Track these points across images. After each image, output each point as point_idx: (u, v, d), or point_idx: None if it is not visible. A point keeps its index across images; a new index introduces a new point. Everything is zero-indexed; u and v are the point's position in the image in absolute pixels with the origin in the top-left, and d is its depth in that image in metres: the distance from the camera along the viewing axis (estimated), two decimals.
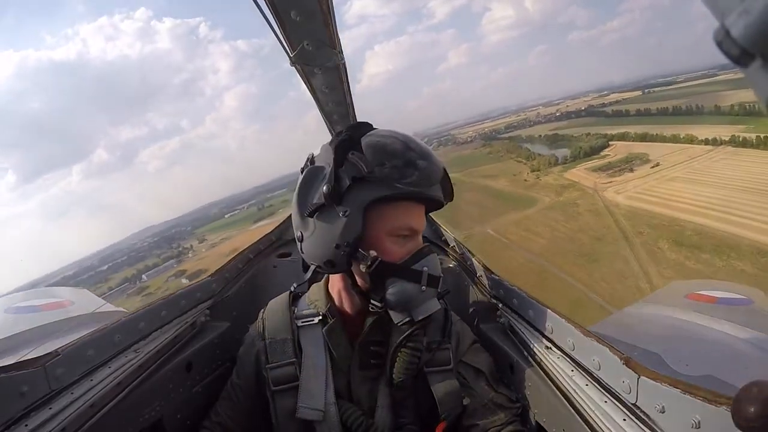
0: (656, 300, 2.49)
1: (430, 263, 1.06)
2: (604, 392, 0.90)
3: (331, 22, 1.20)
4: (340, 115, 2.13)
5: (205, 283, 1.51)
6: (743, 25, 0.27)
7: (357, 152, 0.99)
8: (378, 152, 0.99)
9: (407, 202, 1.05)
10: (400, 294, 1.02)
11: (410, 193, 1.01)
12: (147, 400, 1.14)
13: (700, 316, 1.95)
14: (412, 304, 1.03)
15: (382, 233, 1.04)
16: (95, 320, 1.86)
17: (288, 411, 1.12)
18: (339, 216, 0.99)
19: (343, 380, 1.16)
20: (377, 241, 1.04)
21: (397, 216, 1.04)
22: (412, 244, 1.08)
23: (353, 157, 0.99)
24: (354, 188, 0.98)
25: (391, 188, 0.98)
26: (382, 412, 1.14)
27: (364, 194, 0.98)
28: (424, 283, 1.03)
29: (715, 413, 0.65)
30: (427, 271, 1.04)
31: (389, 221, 1.04)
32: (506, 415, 1.15)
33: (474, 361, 1.22)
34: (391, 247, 1.05)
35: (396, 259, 1.04)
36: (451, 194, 1.13)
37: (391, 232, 1.05)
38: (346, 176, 0.98)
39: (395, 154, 0.99)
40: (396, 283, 1.02)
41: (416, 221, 1.08)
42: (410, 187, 0.99)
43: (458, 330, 1.26)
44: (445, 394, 1.14)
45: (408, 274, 1.03)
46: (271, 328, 1.21)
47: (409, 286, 1.03)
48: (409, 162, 0.99)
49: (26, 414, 0.84)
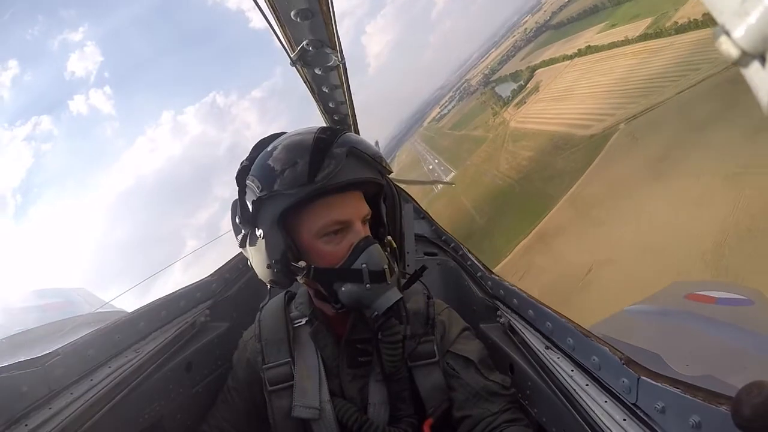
0: (656, 300, 2.49)
1: (369, 258, 1.00)
2: (604, 392, 0.90)
3: (331, 22, 1.20)
4: (341, 115, 2.13)
5: (205, 283, 1.51)
6: (743, 25, 0.27)
7: (251, 176, 1.02)
8: (262, 169, 1.01)
9: (322, 199, 1.00)
10: (349, 296, 1.01)
11: (313, 191, 0.96)
12: (147, 400, 1.14)
13: (700, 316, 1.95)
14: (365, 303, 1.00)
15: (311, 238, 1.02)
16: (95, 320, 1.86)
17: (284, 411, 1.12)
18: (259, 238, 1.01)
19: (334, 380, 1.16)
20: (310, 248, 1.02)
21: (316, 215, 1.01)
22: (351, 236, 1.03)
23: (249, 182, 1.02)
24: (260, 209, 1.00)
25: (287, 197, 0.97)
26: (375, 408, 1.13)
27: (269, 211, 0.99)
28: (367, 281, 0.99)
29: (715, 413, 0.65)
30: (367, 267, 0.99)
31: (311, 224, 1.02)
32: (500, 403, 1.10)
33: (462, 350, 1.17)
34: (325, 248, 1.02)
35: (334, 261, 1.01)
36: (381, 166, 1.06)
37: (319, 233, 1.02)
38: (249, 199, 1.02)
39: (276, 164, 0.98)
40: (342, 286, 1.01)
41: (341, 212, 1.02)
42: (303, 188, 0.96)
43: (444, 319, 1.22)
44: (431, 389, 1.13)
45: (347, 275, 1.00)
46: (266, 330, 1.21)
47: (353, 287, 1.00)
48: (290, 165, 0.97)
49: (26, 414, 0.84)
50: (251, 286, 1.76)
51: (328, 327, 1.18)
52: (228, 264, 1.67)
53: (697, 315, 1.99)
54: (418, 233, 2.14)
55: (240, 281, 1.70)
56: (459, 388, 1.13)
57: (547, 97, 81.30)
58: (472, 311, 1.57)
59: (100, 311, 2.47)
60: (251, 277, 1.79)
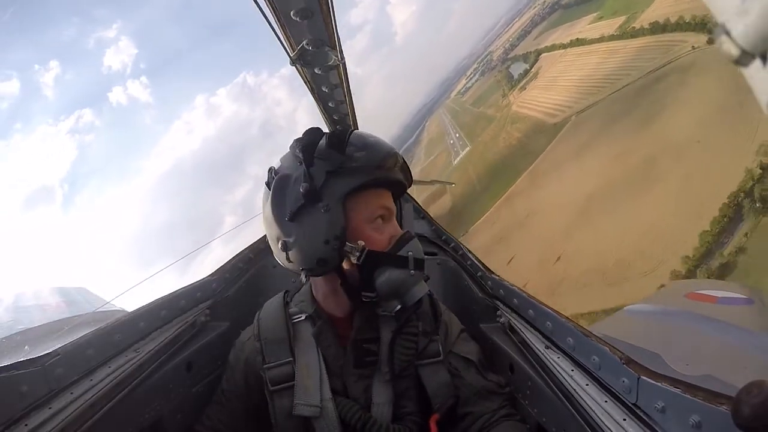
0: (656, 300, 2.49)
1: (413, 248, 1.12)
2: (604, 392, 0.90)
3: (331, 22, 1.19)
4: (341, 114, 2.13)
5: (205, 282, 1.50)
6: (743, 25, 0.27)
7: (321, 152, 1.07)
8: (341, 146, 1.07)
9: (374, 188, 1.13)
10: (392, 281, 1.07)
11: (380, 177, 1.10)
12: (147, 400, 1.13)
13: (700, 316, 1.95)
14: (403, 290, 1.08)
15: (361, 222, 1.10)
16: (95, 320, 1.86)
17: (286, 410, 1.12)
18: (321, 212, 1.04)
19: (338, 380, 1.16)
20: (359, 231, 1.09)
21: (371, 201, 1.12)
22: (390, 228, 1.15)
23: (321, 155, 1.06)
24: (329, 183, 1.04)
25: (362, 175, 1.06)
26: (380, 407, 1.14)
27: (339, 186, 1.05)
28: (411, 267, 1.08)
29: (715, 413, 0.65)
30: (413, 255, 1.10)
31: (366, 208, 1.11)
32: (498, 401, 1.19)
33: (463, 351, 1.25)
34: (373, 234, 1.11)
35: (381, 247, 1.10)
36: (410, 176, 1.22)
37: (369, 218, 1.11)
38: (319, 173, 1.04)
39: (358, 145, 1.08)
40: (385, 271, 1.07)
41: (388, 202, 1.16)
42: (378, 172, 1.09)
43: (446, 320, 1.29)
44: (437, 387, 1.17)
45: (396, 260, 1.09)
46: (266, 329, 1.22)
47: (398, 272, 1.08)
48: (371, 149, 1.09)
49: (26, 414, 0.84)
50: (251, 285, 1.76)
51: (332, 328, 1.19)
52: (228, 264, 1.67)
53: (697, 315, 1.99)
54: (418, 233, 2.14)
55: (240, 281, 1.70)
56: (461, 387, 1.19)
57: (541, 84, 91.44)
58: (472, 311, 1.57)
59: (100, 311, 2.46)
60: (251, 277, 1.79)
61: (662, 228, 41.94)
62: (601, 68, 73.59)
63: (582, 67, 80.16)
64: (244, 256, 1.81)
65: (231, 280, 1.65)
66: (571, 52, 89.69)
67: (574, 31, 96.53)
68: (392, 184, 1.17)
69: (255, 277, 1.83)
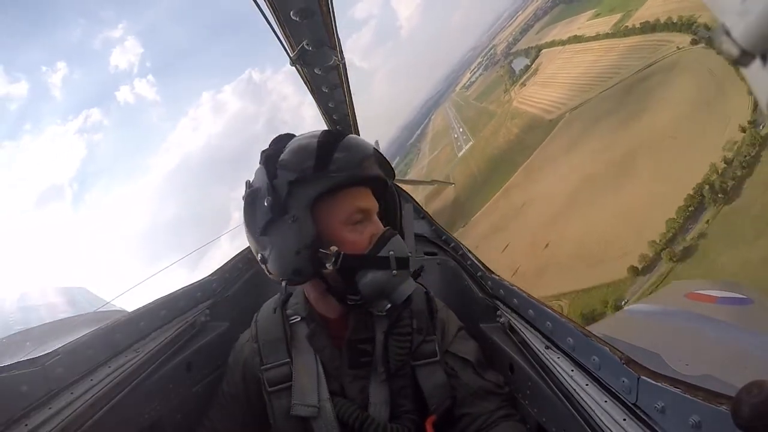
0: (656, 300, 2.49)
1: (395, 246, 1.08)
2: (604, 392, 0.90)
3: (330, 23, 1.19)
4: (340, 114, 2.13)
5: (205, 282, 1.50)
6: (743, 25, 0.27)
7: (283, 162, 1.05)
8: (301, 152, 1.04)
9: (348, 189, 1.08)
10: (373, 283, 1.04)
11: (346, 178, 1.04)
12: (147, 400, 1.13)
13: (700, 316, 1.95)
14: (388, 290, 1.05)
15: (337, 225, 1.07)
16: (95, 320, 1.86)
17: (284, 411, 1.12)
18: (289, 223, 1.02)
19: (335, 381, 1.16)
20: (335, 235, 1.06)
21: (344, 202, 1.07)
22: (371, 227, 1.10)
23: (282, 166, 1.04)
24: (293, 193, 1.02)
25: (326, 180, 1.03)
26: (377, 407, 1.14)
27: (304, 195, 1.02)
28: (393, 267, 1.05)
29: (715, 413, 0.65)
30: (394, 254, 1.06)
31: (339, 211, 1.07)
32: (496, 401, 1.17)
33: (460, 350, 1.22)
34: (350, 236, 1.07)
35: (359, 249, 1.07)
36: (390, 169, 1.16)
37: (346, 220, 1.07)
38: (282, 185, 1.02)
39: (317, 148, 1.04)
40: (366, 274, 1.04)
41: (364, 202, 1.10)
42: (343, 173, 1.03)
43: (443, 317, 1.27)
44: (433, 387, 1.15)
45: (375, 262, 1.05)
46: (263, 331, 1.22)
47: (380, 273, 1.05)
48: (331, 151, 1.04)
49: (26, 413, 0.84)
50: (251, 285, 1.75)
51: (326, 329, 1.19)
52: (228, 263, 1.67)
53: (697, 315, 1.99)
54: (418, 233, 2.14)
55: (240, 281, 1.70)
56: (458, 388, 1.18)
57: (540, 81, 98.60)
58: (472, 311, 1.57)
59: (100, 311, 2.46)
60: (251, 277, 1.79)
61: (635, 216, 49.51)
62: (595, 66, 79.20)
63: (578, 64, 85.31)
64: (244, 256, 1.81)
65: (231, 280, 1.65)
66: (569, 48, 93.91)
67: (573, 27, 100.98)
68: (368, 181, 1.11)
69: (255, 277, 1.83)
